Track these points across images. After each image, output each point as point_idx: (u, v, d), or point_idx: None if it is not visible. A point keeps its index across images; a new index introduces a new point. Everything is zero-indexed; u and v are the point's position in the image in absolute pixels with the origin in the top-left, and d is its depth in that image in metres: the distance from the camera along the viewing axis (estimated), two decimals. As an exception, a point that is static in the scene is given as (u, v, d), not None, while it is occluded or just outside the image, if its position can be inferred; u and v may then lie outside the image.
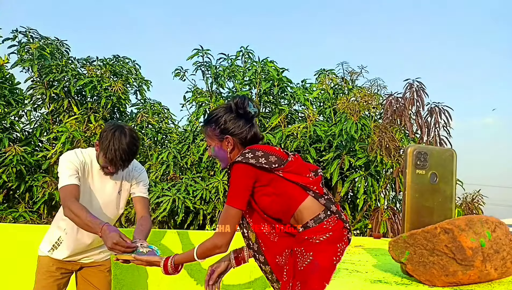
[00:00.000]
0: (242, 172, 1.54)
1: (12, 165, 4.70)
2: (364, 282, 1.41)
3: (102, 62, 5.47)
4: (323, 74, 5.53)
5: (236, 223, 1.55)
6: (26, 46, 5.14)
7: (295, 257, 1.51)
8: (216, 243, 1.55)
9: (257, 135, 1.68)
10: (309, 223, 1.50)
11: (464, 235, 1.22)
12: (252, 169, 1.53)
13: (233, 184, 1.55)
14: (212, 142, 1.69)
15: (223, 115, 1.66)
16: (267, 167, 1.54)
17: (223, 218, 1.55)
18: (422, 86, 4.69)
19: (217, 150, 1.68)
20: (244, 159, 1.54)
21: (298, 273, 1.48)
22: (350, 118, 4.50)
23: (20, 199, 5.16)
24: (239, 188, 1.54)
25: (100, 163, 2.04)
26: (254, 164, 1.53)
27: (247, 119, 1.67)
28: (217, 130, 1.66)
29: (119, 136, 1.95)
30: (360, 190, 4.56)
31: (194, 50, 5.29)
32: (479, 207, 4.82)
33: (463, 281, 1.21)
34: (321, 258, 1.46)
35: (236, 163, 1.55)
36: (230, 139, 1.64)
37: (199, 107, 5.22)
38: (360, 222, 4.79)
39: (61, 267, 2.18)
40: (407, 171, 1.46)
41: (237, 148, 1.66)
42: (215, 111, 1.70)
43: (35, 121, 5.51)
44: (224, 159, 1.68)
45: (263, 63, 5.23)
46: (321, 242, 1.48)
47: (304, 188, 1.55)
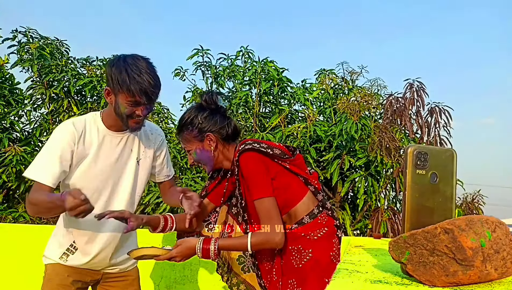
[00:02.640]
0: (255, 159, 1.44)
1: (12, 165, 4.70)
2: (364, 282, 1.41)
3: (102, 62, 5.46)
4: (323, 74, 5.52)
5: (277, 211, 1.43)
6: (25, 46, 5.14)
7: (289, 254, 1.49)
8: (273, 239, 1.41)
9: (237, 129, 1.60)
10: (304, 219, 1.49)
11: (464, 235, 1.22)
12: (262, 157, 1.46)
13: (251, 174, 1.44)
14: (192, 146, 1.58)
15: (197, 115, 1.56)
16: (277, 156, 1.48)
17: (264, 215, 1.42)
18: (422, 86, 4.69)
19: (199, 153, 1.57)
20: (251, 148, 1.46)
21: (293, 270, 1.47)
22: (350, 118, 4.50)
23: (20, 199, 5.16)
24: (260, 175, 1.44)
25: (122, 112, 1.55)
26: (263, 151, 1.47)
27: (222, 113, 1.59)
28: (194, 131, 1.55)
29: (133, 61, 1.53)
30: (360, 190, 4.56)
31: (194, 50, 5.29)
32: (479, 207, 4.82)
33: (463, 281, 1.21)
34: (321, 255, 1.45)
35: (245, 151, 1.45)
36: (211, 136, 1.55)
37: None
38: (360, 222, 4.79)
39: (78, 280, 1.70)
40: (407, 171, 1.46)
41: (220, 144, 1.57)
42: (186, 114, 1.59)
43: (35, 121, 5.50)
44: (209, 160, 1.57)
45: (263, 63, 5.23)
46: (319, 239, 1.48)
47: (306, 182, 1.53)
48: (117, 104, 1.56)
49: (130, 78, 1.49)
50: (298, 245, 1.47)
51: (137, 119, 1.58)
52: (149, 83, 1.51)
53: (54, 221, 5.02)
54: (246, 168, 1.45)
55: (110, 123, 1.65)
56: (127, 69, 1.51)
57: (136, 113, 1.56)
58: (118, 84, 1.52)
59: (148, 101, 1.55)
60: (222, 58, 5.43)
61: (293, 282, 1.45)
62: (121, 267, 1.80)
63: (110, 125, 1.65)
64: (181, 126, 1.59)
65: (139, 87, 1.49)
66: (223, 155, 1.59)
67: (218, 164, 1.60)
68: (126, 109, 1.55)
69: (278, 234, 1.41)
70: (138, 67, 1.52)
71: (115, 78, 1.52)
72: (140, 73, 1.50)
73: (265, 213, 1.42)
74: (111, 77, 1.55)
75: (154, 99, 1.56)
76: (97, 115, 1.66)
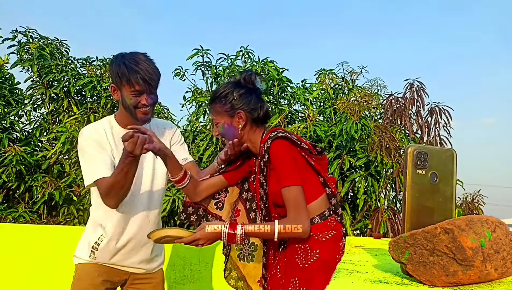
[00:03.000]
0: (286, 147, 1.44)
1: (12, 165, 4.70)
2: (364, 282, 1.40)
3: (102, 62, 5.46)
4: (323, 74, 5.52)
5: (304, 200, 1.43)
6: (25, 46, 5.14)
7: (294, 253, 1.49)
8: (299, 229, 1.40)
9: (268, 114, 1.61)
10: (315, 219, 1.48)
11: (464, 235, 1.22)
12: (293, 147, 1.46)
13: (284, 161, 1.43)
14: (221, 120, 1.56)
15: (233, 90, 1.55)
16: (305, 150, 1.48)
17: (292, 203, 1.41)
18: (422, 86, 4.69)
19: (226, 128, 1.55)
20: (284, 136, 1.45)
21: (297, 269, 1.46)
22: (350, 118, 4.50)
23: (20, 199, 5.16)
24: (291, 164, 1.43)
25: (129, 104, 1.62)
26: (295, 142, 1.47)
27: (257, 95, 1.59)
28: (227, 105, 1.54)
29: (130, 55, 1.63)
30: (360, 190, 4.56)
31: (194, 50, 5.29)
32: (479, 207, 4.81)
33: (463, 281, 1.21)
34: (328, 256, 1.45)
35: (278, 138, 1.45)
36: (242, 114, 1.53)
37: (199, 107, 5.21)
38: (360, 222, 4.79)
39: (107, 279, 1.73)
40: (407, 171, 1.46)
41: (249, 125, 1.56)
42: (222, 87, 1.58)
43: (35, 121, 5.50)
44: (234, 137, 1.56)
45: (263, 63, 5.23)
46: (327, 240, 1.47)
47: (324, 184, 1.52)
48: (123, 98, 1.64)
49: (128, 69, 1.59)
50: (305, 244, 1.47)
51: (144, 109, 1.65)
52: (146, 70, 1.60)
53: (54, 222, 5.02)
54: (277, 155, 1.44)
55: (123, 123, 1.72)
56: (125, 62, 1.60)
57: (141, 102, 1.63)
58: (119, 77, 1.61)
59: (149, 88, 1.62)
60: (222, 58, 5.43)
61: (296, 281, 1.44)
62: (147, 267, 1.81)
63: (124, 124, 1.71)
64: (214, 98, 1.58)
65: (138, 76, 1.58)
66: (248, 136, 1.57)
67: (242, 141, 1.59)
68: (131, 100, 1.62)
69: (304, 223, 1.41)
70: (135, 59, 1.61)
71: (116, 73, 1.62)
72: (137, 64, 1.60)
73: (293, 201, 1.41)
74: (113, 73, 1.65)
75: (154, 86, 1.64)
76: (112, 118, 1.76)
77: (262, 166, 1.52)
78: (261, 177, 1.54)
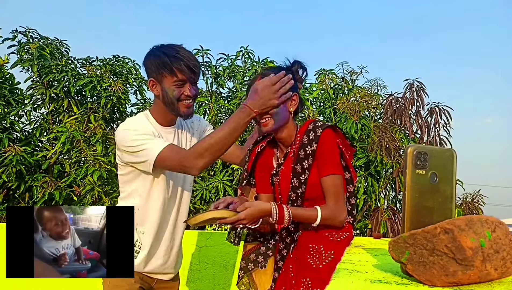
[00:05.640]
0: (334, 137, 1.45)
1: (12, 165, 4.70)
2: (364, 282, 1.40)
3: (102, 62, 5.47)
4: (323, 74, 5.52)
5: (343, 190, 1.43)
6: (25, 46, 5.14)
7: (306, 253, 1.47)
8: (338, 217, 1.39)
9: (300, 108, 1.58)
10: None
11: (464, 235, 1.22)
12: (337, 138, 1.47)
13: (331, 150, 1.43)
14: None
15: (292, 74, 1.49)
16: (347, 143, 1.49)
17: (333, 192, 1.40)
18: (422, 86, 4.70)
19: (282, 108, 1.47)
20: (334, 125, 1.46)
21: (309, 269, 1.44)
22: (350, 118, 4.50)
23: (20, 199, 5.16)
24: (336, 153, 1.44)
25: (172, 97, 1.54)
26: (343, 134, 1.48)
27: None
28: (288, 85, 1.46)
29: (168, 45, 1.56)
30: (360, 190, 4.56)
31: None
32: (479, 207, 4.82)
33: (463, 281, 1.21)
34: (339, 258, 1.45)
35: (328, 127, 1.44)
36: (296, 98, 1.50)
37: (199, 107, 5.21)
38: (360, 222, 4.79)
39: (141, 286, 1.66)
40: (407, 171, 1.46)
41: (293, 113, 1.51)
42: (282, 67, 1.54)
43: (35, 121, 5.50)
44: (282, 120, 1.48)
45: (263, 63, 5.23)
46: (342, 241, 1.46)
47: (350, 181, 1.52)
48: (165, 91, 1.56)
49: (170, 58, 1.51)
50: (319, 245, 1.45)
51: (187, 102, 1.57)
52: (189, 57, 1.52)
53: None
54: (326, 143, 1.43)
55: (161, 119, 1.65)
56: (165, 51, 1.53)
57: (184, 94, 1.55)
58: (160, 68, 1.52)
59: (193, 75, 1.55)
60: (222, 58, 5.44)
61: (307, 282, 1.43)
62: (173, 271, 1.79)
63: (161, 121, 1.65)
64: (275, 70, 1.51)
65: (182, 63, 1.50)
66: (290, 123, 1.53)
67: (281, 128, 1.52)
68: (175, 91, 1.54)
69: (343, 213, 1.41)
70: (174, 48, 1.54)
71: (155, 65, 1.53)
72: (178, 52, 1.52)
73: (335, 190, 1.41)
74: (152, 66, 1.55)
75: (198, 73, 1.56)
76: (148, 114, 1.67)
77: (303, 155, 1.47)
78: (297, 167, 1.49)
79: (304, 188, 1.48)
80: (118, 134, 1.59)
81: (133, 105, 5.88)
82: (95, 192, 4.75)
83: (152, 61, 1.55)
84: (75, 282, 2.74)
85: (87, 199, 4.85)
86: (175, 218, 1.71)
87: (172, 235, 1.71)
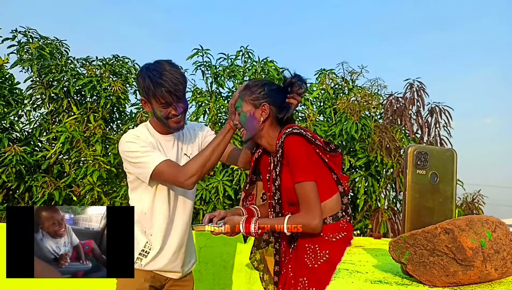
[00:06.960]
0: (300, 143, 1.44)
1: (12, 165, 4.69)
2: (364, 282, 1.40)
3: (101, 62, 5.45)
4: (323, 74, 5.52)
5: (317, 196, 1.43)
6: (25, 46, 5.13)
7: (303, 252, 1.49)
8: (310, 223, 1.41)
9: (291, 118, 1.61)
10: (327, 220, 1.49)
11: (464, 235, 1.22)
12: (307, 143, 1.47)
13: (298, 157, 1.43)
14: (244, 108, 1.57)
15: (267, 84, 1.58)
16: (320, 147, 1.49)
17: (303, 199, 1.42)
18: (422, 86, 4.69)
19: (248, 117, 1.56)
20: (299, 132, 1.46)
21: (306, 269, 1.46)
22: (350, 118, 4.49)
23: (20, 199, 5.15)
24: (306, 159, 1.43)
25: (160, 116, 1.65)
26: (309, 139, 1.47)
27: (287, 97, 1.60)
28: (255, 94, 1.56)
29: (154, 66, 1.62)
30: (361, 190, 4.56)
31: (194, 50, 5.29)
32: (479, 207, 4.81)
33: (464, 281, 1.20)
34: (336, 258, 1.45)
35: (292, 134, 1.45)
36: (267, 107, 1.55)
37: (198, 107, 5.20)
38: (360, 222, 4.79)
39: (152, 285, 1.74)
40: (408, 171, 1.46)
41: (270, 121, 1.56)
42: (258, 80, 1.62)
43: (34, 121, 5.49)
44: (252, 129, 1.56)
45: (263, 63, 5.23)
46: (337, 241, 1.48)
47: (337, 181, 1.53)
48: (154, 110, 1.67)
49: (153, 83, 1.59)
50: (315, 244, 1.47)
51: (175, 119, 1.68)
52: (171, 81, 1.59)
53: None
54: (291, 150, 1.44)
55: (159, 129, 1.78)
56: (149, 75, 1.60)
57: (171, 113, 1.65)
58: (145, 92, 1.64)
59: (176, 98, 1.63)
60: (222, 58, 5.43)
61: (304, 281, 1.45)
62: (184, 270, 1.86)
63: (160, 130, 1.78)
64: (246, 86, 1.60)
65: (163, 89, 1.58)
66: (267, 131, 1.58)
67: (257, 137, 1.60)
68: (161, 112, 1.65)
69: (315, 218, 1.41)
70: (158, 70, 1.60)
71: (142, 87, 1.65)
72: (161, 76, 1.59)
73: (305, 197, 1.42)
74: (140, 88, 1.68)
75: (180, 95, 1.64)
76: (148, 124, 1.79)
77: (276, 161, 1.52)
78: (274, 173, 1.54)
79: (279, 194, 1.53)
80: (120, 145, 1.70)
81: (132, 105, 5.87)
82: (94, 192, 4.75)
83: (140, 83, 1.67)
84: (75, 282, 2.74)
85: (86, 199, 4.84)
86: (180, 221, 1.80)
87: (180, 237, 1.80)
